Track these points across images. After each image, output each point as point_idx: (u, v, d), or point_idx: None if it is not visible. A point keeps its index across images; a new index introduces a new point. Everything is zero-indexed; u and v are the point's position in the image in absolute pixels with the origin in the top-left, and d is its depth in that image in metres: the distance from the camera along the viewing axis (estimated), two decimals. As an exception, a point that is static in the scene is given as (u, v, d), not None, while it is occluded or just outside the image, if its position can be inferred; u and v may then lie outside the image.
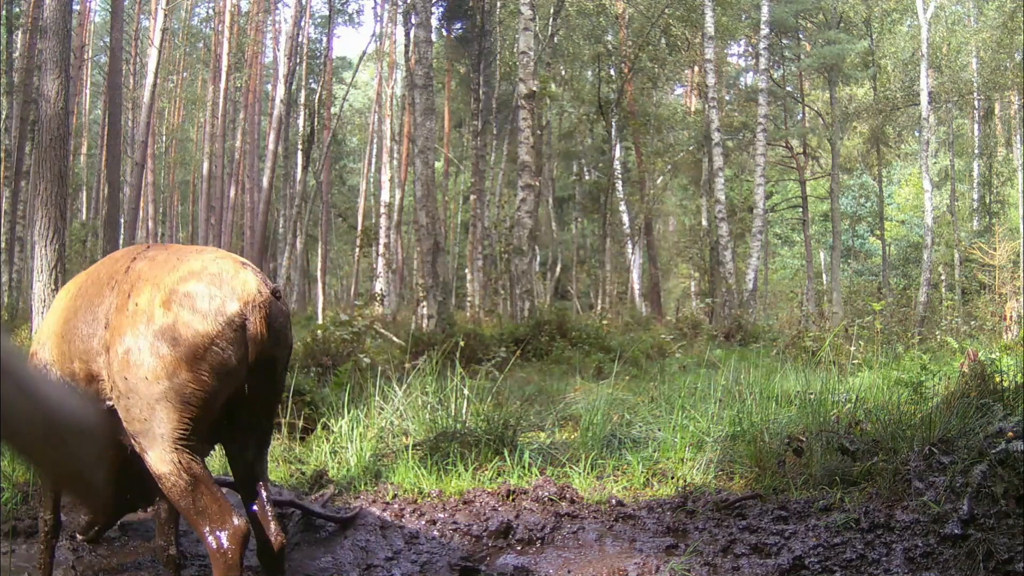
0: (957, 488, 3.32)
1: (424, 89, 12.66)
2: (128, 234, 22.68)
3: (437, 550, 3.51)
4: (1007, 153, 28.75)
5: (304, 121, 22.55)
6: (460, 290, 26.91)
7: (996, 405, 4.16)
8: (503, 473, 4.47)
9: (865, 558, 3.12)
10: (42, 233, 5.85)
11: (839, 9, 25.09)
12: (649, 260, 26.28)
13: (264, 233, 23.72)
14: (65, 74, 6.92)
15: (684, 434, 4.85)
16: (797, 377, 6.55)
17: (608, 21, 24.75)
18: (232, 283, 2.30)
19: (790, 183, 31.02)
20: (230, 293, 2.28)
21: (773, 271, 34.26)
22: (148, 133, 19.06)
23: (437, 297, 12.23)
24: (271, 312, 2.33)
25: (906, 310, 17.11)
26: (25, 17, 16.68)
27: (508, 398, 5.39)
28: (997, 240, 21.18)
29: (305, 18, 27.07)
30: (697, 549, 3.36)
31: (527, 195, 13.67)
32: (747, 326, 15.22)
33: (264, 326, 2.30)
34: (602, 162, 27.07)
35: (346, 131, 39.19)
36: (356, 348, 7.79)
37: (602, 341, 11.58)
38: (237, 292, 2.29)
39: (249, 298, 2.30)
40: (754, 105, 22.00)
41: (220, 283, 2.30)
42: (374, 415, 5.21)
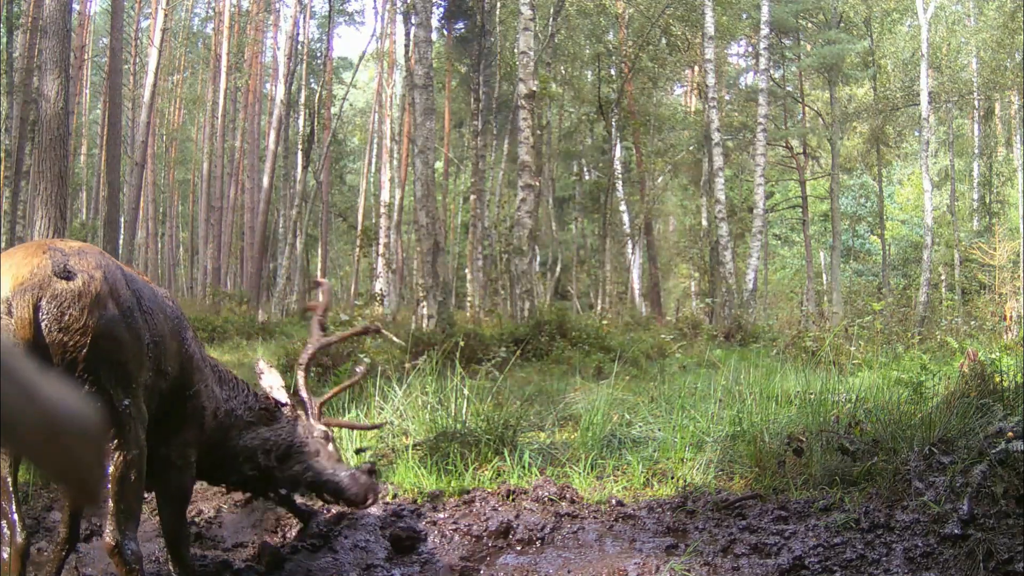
0: (957, 488, 3.32)
1: (424, 89, 12.66)
2: (128, 234, 22.69)
3: (437, 550, 3.51)
4: (1007, 153, 28.77)
5: (304, 121, 22.56)
6: (460, 290, 26.92)
7: (996, 405, 4.16)
8: (503, 473, 4.47)
9: (865, 558, 3.12)
10: (42, 233, 5.85)
11: (839, 9, 25.09)
12: (649, 260, 26.29)
13: (264, 233, 23.73)
14: (65, 74, 6.92)
15: (684, 434, 4.85)
16: (797, 377, 6.55)
17: (608, 21, 24.76)
18: (8, 269, 2.24)
19: (790, 183, 31.03)
20: (2, 279, 2.23)
21: (773, 271, 34.26)
22: (148, 133, 19.06)
23: (437, 297, 12.23)
24: (48, 294, 2.21)
25: (906, 310, 17.12)
26: (25, 17, 16.68)
27: (508, 398, 5.39)
28: (997, 240, 21.19)
29: (305, 18, 27.07)
30: (697, 549, 3.36)
31: (527, 195, 13.68)
32: (747, 326, 15.22)
33: (30, 309, 2.18)
34: (602, 162, 27.08)
35: (346, 131, 39.19)
36: (356, 348, 7.78)
37: (602, 341, 11.58)
38: (9, 277, 2.22)
39: (19, 281, 2.21)
40: (754, 105, 22.01)
41: None
42: (374, 415, 5.21)
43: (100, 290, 2.29)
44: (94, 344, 2.25)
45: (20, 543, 2.38)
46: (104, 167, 19.53)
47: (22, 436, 1.01)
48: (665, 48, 24.37)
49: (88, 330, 2.24)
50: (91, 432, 1.08)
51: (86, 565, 3.18)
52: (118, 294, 2.36)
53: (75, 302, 2.23)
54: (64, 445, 1.02)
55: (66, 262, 2.28)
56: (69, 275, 2.26)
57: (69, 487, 1.19)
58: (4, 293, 2.20)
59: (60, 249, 2.34)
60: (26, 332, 2.18)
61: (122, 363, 2.35)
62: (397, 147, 25.43)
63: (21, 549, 2.39)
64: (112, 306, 2.32)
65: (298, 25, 22.78)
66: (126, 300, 2.39)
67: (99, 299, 2.28)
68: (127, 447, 2.36)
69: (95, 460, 1.10)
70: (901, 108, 24.98)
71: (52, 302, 2.21)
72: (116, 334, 2.32)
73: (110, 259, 2.48)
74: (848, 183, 31.52)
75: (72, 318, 2.22)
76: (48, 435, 1.01)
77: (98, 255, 2.41)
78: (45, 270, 2.24)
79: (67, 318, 2.22)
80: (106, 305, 2.29)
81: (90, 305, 2.25)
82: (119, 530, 2.34)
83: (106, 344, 2.28)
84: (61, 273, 2.25)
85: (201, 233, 33.76)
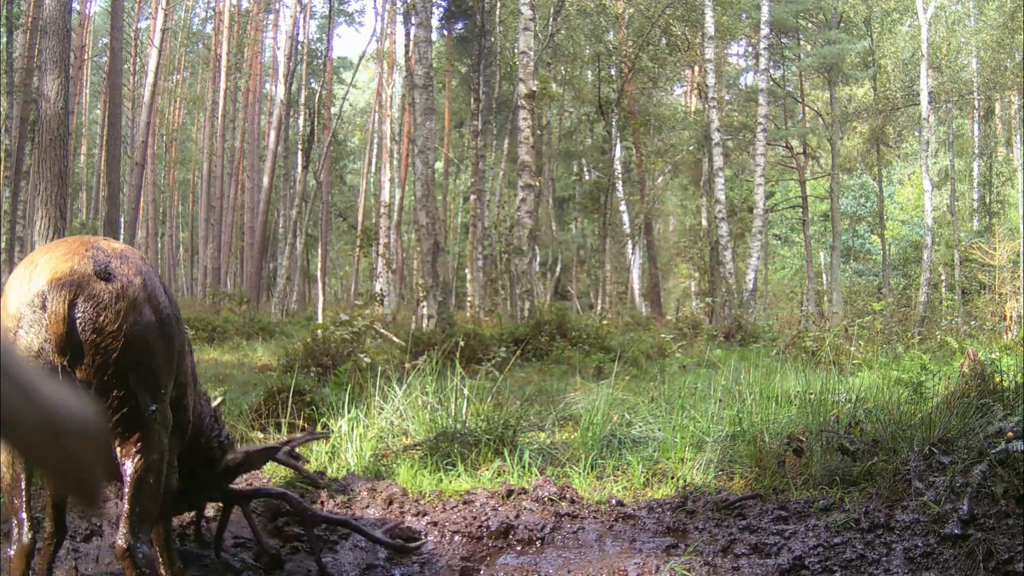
0: (957, 488, 3.32)
1: (424, 89, 12.67)
2: (128, 234, 22.69)
3: (437, 550, 3.51)
4: (1007, 153, 28.76)
5: (304, 121, 22.56)
6: (460, 290, 26.92)
7: (996, 405, 4.16)
8: (503, 473, 4.47)
9: (865, 558, 3.12)
10: (42, 233, 5.85)
11: (839, 9, 25.09)
12: (649, 260, 26.29)
13: (264, 233, 23.74)
14: (65, 74, 6.92)
15: (684, 434, 4.85)
16: (797, 377, 6.55)
17: (608, 21, 24.76)
18: (48, 263, 2.22)
19: (790, 183, 31.03)
20: (40, 272, 2.21)
21: (773, 271, 34.26)
22: (148, 133, 19.07)
23: (437, 297, 12.24)
24: (86, 293, 2.19)
25: (906, 310, 17.12)
26: (25, 17, 16.68)
27: (508, 398, 5.39)
28: (997, 240, 21.19)
29: (305, 18, 27.08)
30: (697, 549, 3.36)
31: (527, 195, 13.68)
32: (747, 326, 15.23)
33: (65, 305, 2.16)
34: (602, 162, 27.08)
35: (346, 131, 39.20)
36: (356, 348, 7.79)
37: (602, 341, 11.58)
38: (47, 271, 2.20)
39: (57, 276, 2.19)
40: (754, 105, 22.01)
41: (35, 264, 2.24)
42: (374, 415, 5.21)
43: (138, 296, 2.28)
44: (126, 348, 2.24)
45: (26, 543, 2.37)
46: (104, 167, 19.53)
47: (22, 436, 1.01)
48: (665, 48, 24.37)
49: (121, 334, 2.23)
50: (91, 432, 1.08)
51: (86, 565, 3.18)
52: (156, 300, 2.36)
53: (112, 304, 2.22)
54: (64, 445, 1.02)
55: (108, 263, 2.26)
56: (109, 277, 2.24)
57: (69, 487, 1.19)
58: (40, 286, 2.18)
59: (103, 249, 2.33)
60: (59, 328, 2.17)
61: (153, 369, 2.34)
62: (397, 147, 25.43)
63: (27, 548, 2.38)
64: (149, 312, 2.31)
65: (298, 25, 22.78)
66: (164, 307, 2.39)
67: (135, 304, 2.27)
68: (149, 451, 2.35)
69: (94, 460, 1.10)
70: (901, 108, 24.98)
71: (89, 301, 2.20)
72: (150, 340, 2.31)
73: (149, 266, 2.47)
74: (848, 183, 31.52)
75: (107, 320, 2.21)
76: (48, 435, 1.01)
77: (139, 260, 2.40)
78: (86, 268, 2.22)
79: (102, 319, 2.21)
80: (142, 311, 2.28)
81: (126, 309, 2.24)
82: (132, 533, 2.32)
83: (138, 349, 2.27)
84: (102, 274, 2.23)
85: (201, 233, 33.76)
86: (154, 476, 2.38)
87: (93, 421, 1.08)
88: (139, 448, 2.34)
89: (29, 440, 1.02)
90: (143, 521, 2.36)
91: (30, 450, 1.08)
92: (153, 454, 2.37)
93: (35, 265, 2.24)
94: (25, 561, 2.39)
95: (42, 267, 2.22)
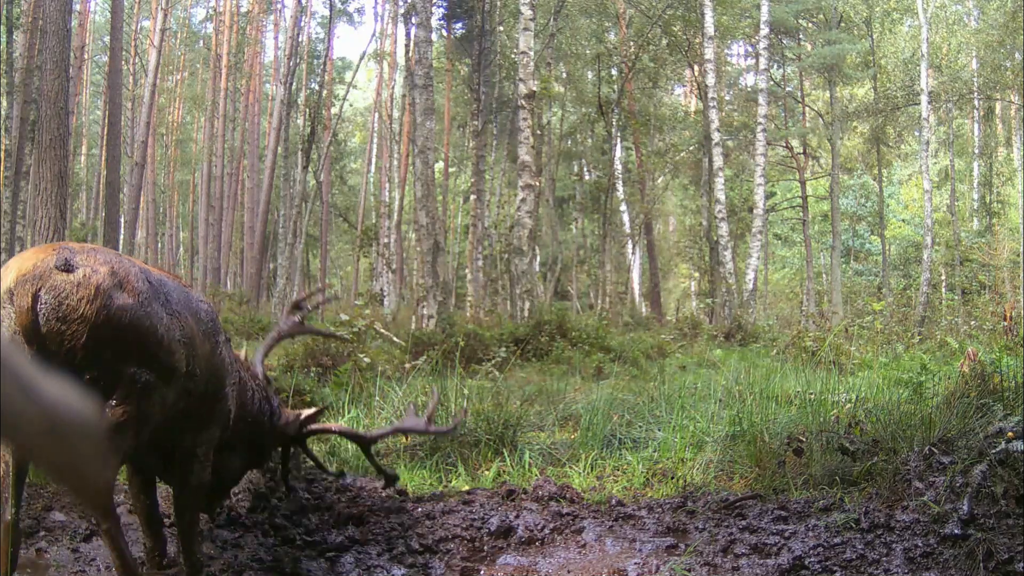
0: (957, 488, 3.32)
1: (424, 89, 12.67)
2: (128, 234, 22.69)
3: (437, 550, 3.51)
4: (1007, 153, 28.75)
5: (304, 121, 22.55)
6: (460, 290, 26.89)
7: (996, 405, 4.16)
8: (503, 473, 4.47)
9: (865, 558, 3.12)
10: (42, 233, 5.85)
11: (839, 9, 25.09)
12: (649, 260, 26.28)
13: (264, 233, 23.73)
14: (65, 74, 6.92)
15: (684, 434, 4.85)
16: (797, 377, 6.55)
17: (609, 21, 24.76)
18: (16, 264, 2.37)
19: (790, 183, 31.03)
20: (8, 272, 2.34)
21: (773, 271, 34.25)
22: (148, 133, 19.06)
23: (437, 297, 12.24)
24: (47, 285, 2.31)
25: (906, 310, 17.12)
26: (25, 17, 16.67)
27: (508, 398, 5.38)
28: (998, 240, 21.18)
29: (305, 18, 27.08)
30: (697, 549, 3.36)
31: (527, 195, 13.68)
32: (747, 326, 15.22)
33: (28, 298, 2.29)
34: (602, 162, 27.07)
35: (346, 131, 39.18)
36: (356, 348, 7.78)
37: (602, 341, 11.57)
38: (14, 270, 2.34)
39: (22, 273, 2.32)
40: (754, 105, 22.01)
41: (9, 268, 2.38)
42: (374, 415, 5.21)
43: (102, 283, 2.37)
44: (94, 333, 2.34)
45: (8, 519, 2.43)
46: (104, 167, 19.51)
47: (23, 434, 1.01)
48: (665, 48, 24.36)
49: (86, 320, 2.32)
50: (92, 431, 1.08)
51: (87, 565, 3.18)
52: (133, 286, 2.44)
53: (73, 292, 2.32)
54: (64, 443, 1.03)
55: (70, 258, 2.38)
56: (70, 268, 2.35)
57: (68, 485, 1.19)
58: (7, 284, 2.32)
59: (69, 248, 2.45)
60: (24, 319, 2.29)
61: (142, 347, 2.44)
62: (397, 147, 25.43)
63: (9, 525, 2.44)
64: (122, 297, 2.39)
65: (298, 25, 22.77)
66: (142, 292, 2.47)
67: (100, 290, 2.35)
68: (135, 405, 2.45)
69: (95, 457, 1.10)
70: (901, 108, 24.97)
71: (50, 292, 2.31)
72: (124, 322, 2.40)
73: (127, 259, 2.56)
74: (848, 183, 31.51)
75: (69, 308, 2.31)
76: (49, 433, 1.01)
77: (110, 254, 2.51)
78: (47, 264, 2.35)
79: (64, 308, 2.31)
80: (110, 296, 2.37)
81: (90, 296, 2.33)
82: None
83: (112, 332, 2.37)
84: (62, 266, 2.35)
85: (201, 233, 33.75)
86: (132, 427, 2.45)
87: (94, 420, 1.08)
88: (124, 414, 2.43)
89: (30, 438, 1.02)
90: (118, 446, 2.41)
91: (31, 448, 1.08)
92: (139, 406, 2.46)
93: (9, 268, 2.39)
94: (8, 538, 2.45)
95: (11, 267, 2.37)
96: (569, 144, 29.16)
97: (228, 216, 32.29)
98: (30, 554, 3.17)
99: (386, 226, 24.86)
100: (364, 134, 38.81)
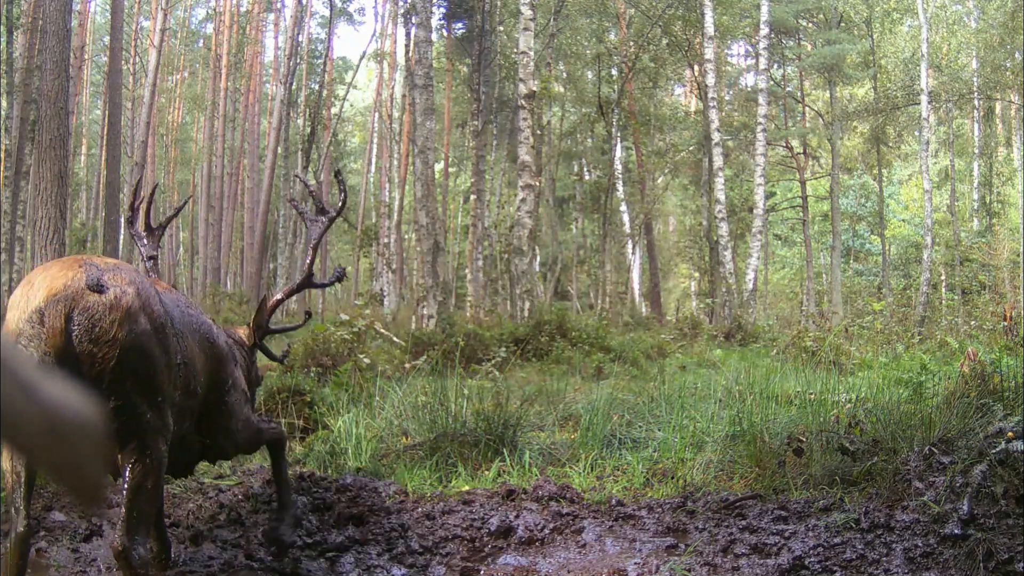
0: (957, 488, 3.32)
1: (424, 89, 12.67)
2: (128, 234, 22.64)
3: (437, 550, 3.51)
4: (1007, 153, 28.74)
5: (304, 121, 22.56)
6: (460, 290, 26.90)
7: (996, 405, 4.16)
8: (503, 473, 4.47)
9: (865, 558, 3.12)
10: (42, 233, 5.85)
11: (839, 9, 25.09)
12: (649, 260, 26.29)
13: (264, 233, 23.73)
14: (65, 74, 6.92)
15: (684, 434, 4.85)
16: (797, 377, 6.55)
17: (610, 20, 24.76)
18: (44, 281, 2.33)
19: (790, 183, 31.04)
20: (36, 290, 2.31)
21: (773, 271, 34.26)
22: (148, 133, 19.07)
23: (437, 297, 12.24)
24: (80, 305, 2.29)
25: (906, 310, 17.12)
26: (25, 17, 16.67)
27: (508, 398, 5.38)
28: (998, 240, 21.18)
29: (306, 18, 27.07)
30: (697, 549, 3.36)
31: (527, 195, 13.68)
32: (747, 326, 15.23)
33: (62, 319, 2.27)
34: (602, 162, 27.08)
35: (346, 131, 39.18)
36: (356, 348, 7.79)
37: (602, 341, 11.58)
38: (43, 288, 2.31)
39: (53, 292, 2.29)
40: (754, 105, 22.01)
41: (32, 283, 2.35)
42: (374, 415, 5.21)
43: (131, 305, 2.36)
44: (123, 357, 2.33)
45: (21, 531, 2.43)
46: (104, 167, 19.52)
47: (23, 436, 1.01)
48: (665, 48, 24.37)
49: (117, 343, 2.31)
50: (92, 431, 1.08)
51: (87, 565, 3.19)
52: (151, 310, 2.44)
53: (106, 315, 2.31)
54: (65, 444, 1.03)
55: (100, 276, 2.36)
56: (102, 288, 2.33)
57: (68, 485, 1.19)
58: (37, 303, 2.29)
59: (95, 264, 2.42)
60: (57, 341, 2.26)
61: (149, 376, 2.41)
62: (397, 147, 25.43)
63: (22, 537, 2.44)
64: (144, 321, 2.39)
65: (298, 25, 22.78)
66: (159, 316, 2.47)
67: (130, 313, 2.35)
68: (147, 458, 2.43)
69: (95, 459, 1.10)
70: (901, 108, 24.97)
71: (84, 314, 2.29)
72: (146, 348, 2.39)
73: (144, 277, 2.56)
74: (848, 183, 31.51)
75: (102, 330, 2.30)
76: (49, 434, 1.01)
77: (132, 272, 2.49)
78: (79, 283, 2.32)
79: (97, 330, 2.29)
80: (137, 319, 2.37)
81: (121, 319, 2.33)
82: (129, 535, 2.38)
83: (134, 357, 2.35)
84: (94, 286, 2.33)
85: (201, 233, 33.76)
86: (152, 481, 2.45)
87: (94, 420, 1.08)
88: (137, 454, 2.41)
89: (30, 439, 1.02)
90: (140, 523, 2.42)
91: (31, 449, 1.08)
92: (151, 460, 2.44)
93: (32, 284, 2.35)
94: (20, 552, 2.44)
95: (38, 285, 2.33)
96: (569, 144, 29.15)
97: (228, 216, 32.30)
98: (30, 554, 3.17)
99: (386, 226, 24.88)
100: (364, 134, 38.81)
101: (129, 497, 2.39)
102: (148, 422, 2.41)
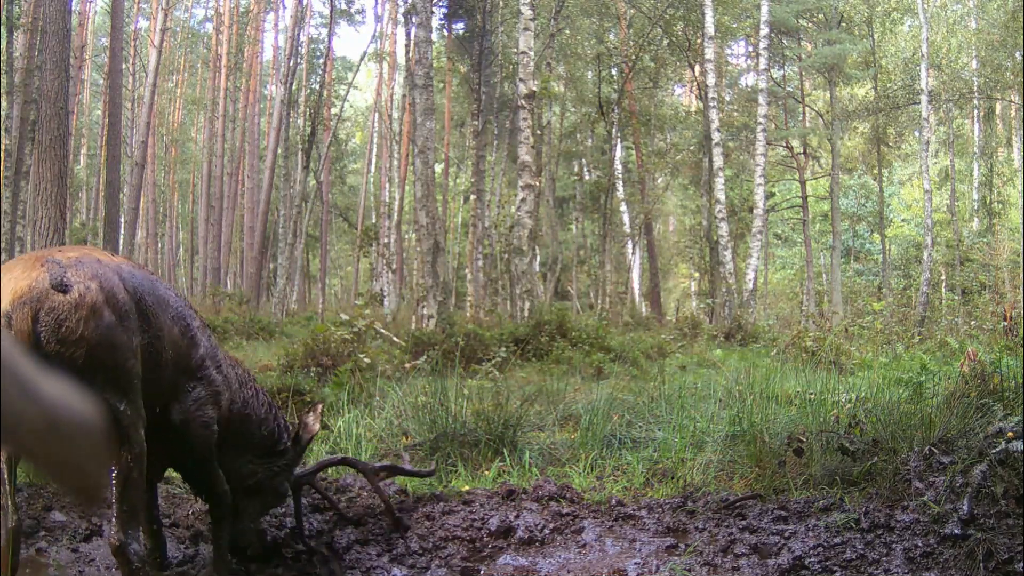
0: (957, 488, 3.32)
1: (424, 89, 12.66)
2: (128, 234, 22.68)
3: (437, 550, 3.51)
4: (1008, 153, 28.73)
5: (304, 121, 22.54)
6: (460, 290, 26.90)
7: (996, 405, 4.16)
8: (503, 473, 4.47)
9: (865, 558, 3.12)
10: (42, 233, 5.85)
11: (840, 9, 25.08)
12: (649, 260, 26.29)
13: (264, 233, 23.73)
14: (65, 74, 6.92)
15: (684, 434, 4.84)
16: (797, 377, 6.55)
17: (610, 21, 24.76)
18: (8, 284, 2.32)
19: (790, 183, 31.03)
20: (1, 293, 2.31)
21: (773, 271, 34.24)
22: (148, 133, 19.07)
23: (437, 297, 12.24)
24: (45, 307, 2.28)
25: (906, 310, 17.12)
26: (25, 17, 16.66)
27: (508, 398, 5.38)
28: (998, 240, 21.17)
29: (306, 18, 27.06)
30: (697, 549, 3.36)
31: (527, 195, 13.68)
32: (747, 326, 15.22)
33: (28, 321, 2.27)
34: (602, 162, 27.07)
35: (346, 131, 39.18)
36: (356, 348, 7.78)
37: (602, 341, 11.56)
38: (8, 291, 2.30)
39: (18, 295, 2.29)
40: (754, 105, 22.00)
41: None
42: (374, 415, 5.21)
43: (95, 300, 2.36)
44: (90, 352, 2.33)
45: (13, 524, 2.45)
46: (104, 167, 19.52)
47: (23, 435, 1.01)
48: (666, 48, 24.36)
49: (84, 340, 2.32)
50: (92, 430, 1.08)
51: (87, 565, 3.18)
52: (115, 300, 2.43)
53: (72, 313, 2.31)
54: (65, 444, 1.02)
55: (63, 275, 2.35)
56: (66, 287, 2.33)
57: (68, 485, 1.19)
58: (4, 306, 2.29)
59: (57, 261, 2.41)
60: (25, 344, 2.26)
61: (117, 367, 2.41)
62: (397, 147, 25.42)
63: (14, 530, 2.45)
64: (108, 314, 2.38)
65: (298, 25, 22.78)
66: (123, 305, 2.45)
67: (95, 309, 2.35)
68: (129, 448, 2.44)
69: (95, 458, 1.10)
70: (902, 108, 24.96)
71: (50, 314, 2.30)
72: (113, 341, 2.39)
73: (107, 264, 2.51)
74: (848, 183, 31.50)
75: (69, 329, 2.30)
76: (49, 433, 1.01)
77: (94, 264, 2.47)
78: (43, 283, 2.32)
79: (64, 329, 2.30)
80: (102, 315, 2.36)
81: (86, 316, 2.33)
82: (123, 530, 2.40)
83: (102, 352, 2.36)
84: (58, 286, 2.32)
85: (201, 233, 33.76)
86: (137, 471, 2.46)
87: (94, 419, 1.08)
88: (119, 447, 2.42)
89: (30, 439, 1.02)
90: (132, 516, 2.44)
91: (31, 449, 1.08)
92: (133, 449, 2.45)
93: None
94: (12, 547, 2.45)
95: (2, 288, 2.33)
96: (569, 144, 29.14)
97: (228, 216, 32.29)
98: (30, 554, 3.17)
99: (386, 226, 24.88)
100: (364, 134, 38.81)
101: (119, 490, 2.41)
102: (123, 413, 2.42)
